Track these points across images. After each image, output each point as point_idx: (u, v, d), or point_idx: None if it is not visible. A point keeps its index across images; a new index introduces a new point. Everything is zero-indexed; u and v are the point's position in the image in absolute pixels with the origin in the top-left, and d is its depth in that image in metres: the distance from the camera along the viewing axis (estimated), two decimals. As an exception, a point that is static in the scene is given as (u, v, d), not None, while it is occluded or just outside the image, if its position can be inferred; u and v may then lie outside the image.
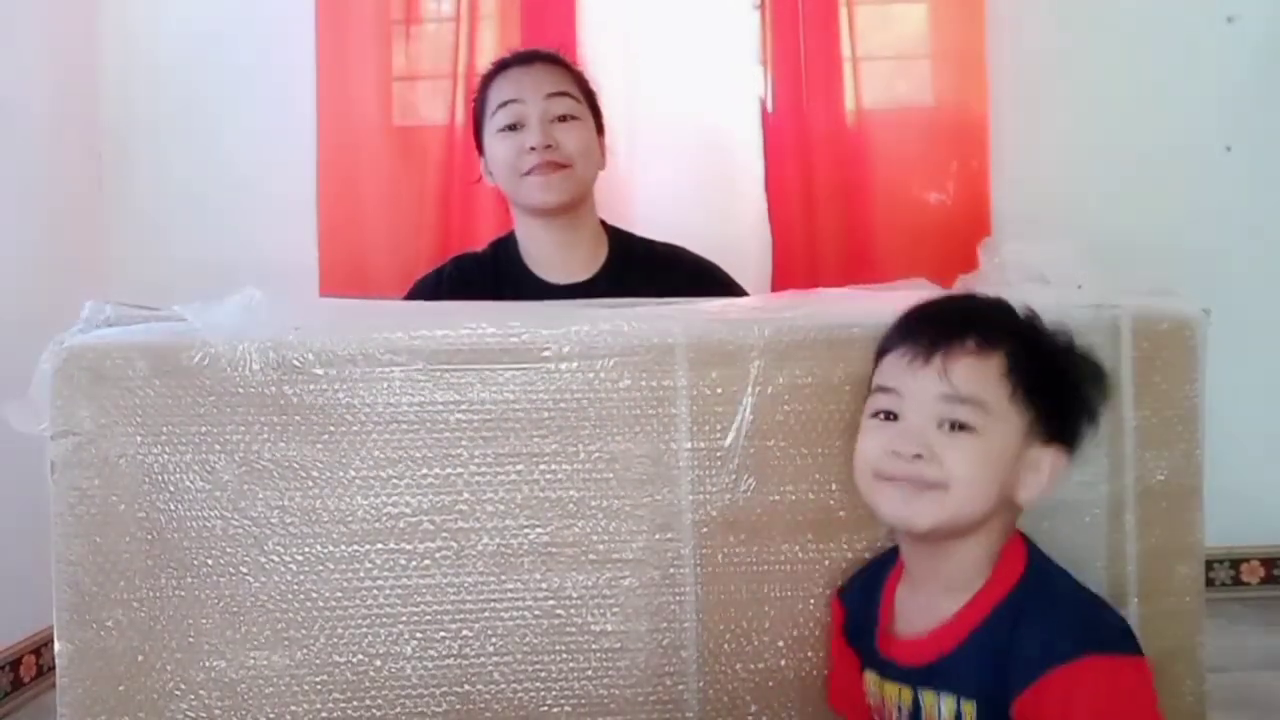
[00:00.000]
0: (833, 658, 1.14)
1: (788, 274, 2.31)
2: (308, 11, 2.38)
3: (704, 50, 2.35)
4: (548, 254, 1.61)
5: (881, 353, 1.04)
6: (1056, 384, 0.99)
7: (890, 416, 0.98)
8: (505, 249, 1.65)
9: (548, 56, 1.65)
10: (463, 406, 1.13)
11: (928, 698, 0.99)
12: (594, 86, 1.67)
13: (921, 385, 0.96)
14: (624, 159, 2.30)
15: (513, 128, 1.55)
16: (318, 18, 2.37)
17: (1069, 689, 0.89)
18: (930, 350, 0.96)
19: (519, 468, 1.13)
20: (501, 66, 1.64)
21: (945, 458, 0.94)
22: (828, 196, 2.34)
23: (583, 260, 1.61)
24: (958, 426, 0.95)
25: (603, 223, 1.68)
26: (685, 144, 2.34)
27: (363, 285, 2.34)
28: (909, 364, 0.97)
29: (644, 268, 1.61)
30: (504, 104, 1.57)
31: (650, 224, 1.83)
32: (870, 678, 1.06)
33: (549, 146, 1.53)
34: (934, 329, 0.98)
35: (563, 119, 1.56)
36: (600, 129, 1.65)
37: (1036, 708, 0.90)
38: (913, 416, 0.97)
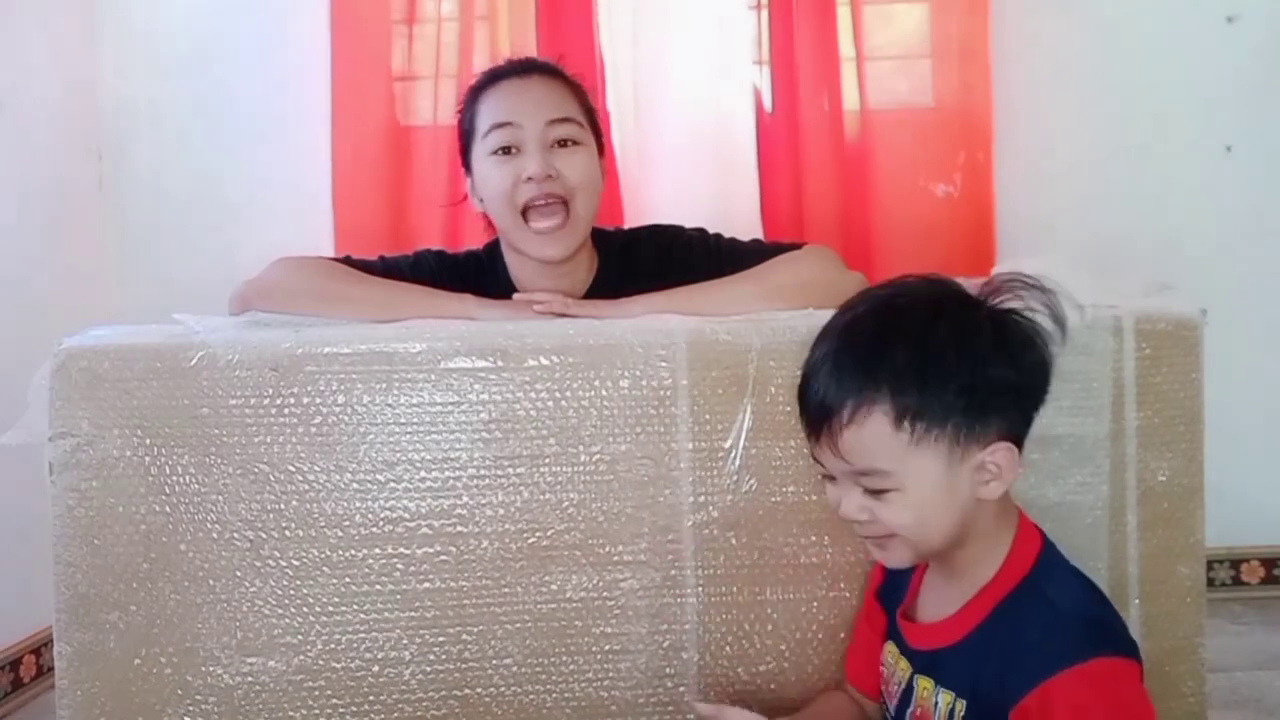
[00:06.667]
0: (858, 624, 1.13)
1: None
2: (308, 10, 2.38)
3: (702, 50, 2.34)
4: (539, 286, 1.44)
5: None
6: (968, 392, 0.91)
7: (831, 477, 0.99)
8: (494, 264, 1.50)
9: (545, 68, 1.48)
10: (462, 408, 1.12)
11: (924, 684, 0.99)
12: (593, 102, 1.51)
13: (829, 460, 0.96)
14: (630, 160, 2.29)
15: (507, 150, 1.40)
16: (333, 16, 2.36)
17: (1070, 695, 0.88)
18: (814, 430, 0.96)
19: (519, 470, 1.13)
20: (494, 78, 1.47)
21: (881, 515, 0.94)
22: (821, 196, 2.32)
23: (578, 285, 1.48)
24: (874, 491, 0.94)
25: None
26: (681, 143, 2.33)
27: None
28: (809, 438, 0.98)
29: (629, 266, 1.49)
30: (498, 125, 1.41)
31: (648, 221, 1.80)
32: (889, 648, 1.07)
33: (549, 177, 1.38)
34: (810, 402, 0.97)
35: (563, 144, 1.41)
36: (602, 149, 1.50)
37: (1041, 714, 0.89)
38: (842, 482, 0.97)
